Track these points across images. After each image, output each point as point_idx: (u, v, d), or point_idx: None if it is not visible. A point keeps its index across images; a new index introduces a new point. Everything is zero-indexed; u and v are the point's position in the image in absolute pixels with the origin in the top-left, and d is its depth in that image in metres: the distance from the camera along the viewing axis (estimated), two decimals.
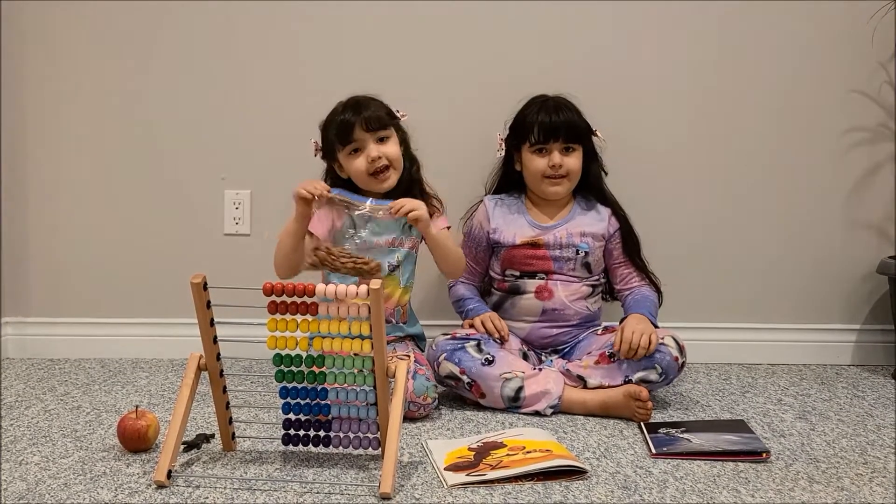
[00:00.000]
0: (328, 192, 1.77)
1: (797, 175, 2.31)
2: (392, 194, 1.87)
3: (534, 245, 2.01)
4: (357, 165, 1.86)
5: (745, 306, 2.35)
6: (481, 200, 2.10)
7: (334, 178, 1.94)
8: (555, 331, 2.00)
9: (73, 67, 2.28)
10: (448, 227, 1.95)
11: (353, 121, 1.84)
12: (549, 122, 1.97)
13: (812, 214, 2.32)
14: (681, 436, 1.65)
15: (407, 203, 1.77)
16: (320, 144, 1.93)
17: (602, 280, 2.07)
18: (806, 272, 2.34)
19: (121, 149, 2.30)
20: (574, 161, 2.00)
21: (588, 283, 2.02)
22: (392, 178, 1.87)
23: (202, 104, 2.29)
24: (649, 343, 1.82)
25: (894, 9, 2.20)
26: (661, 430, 1.69)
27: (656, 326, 1.92)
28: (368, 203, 1.78)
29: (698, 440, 1.62)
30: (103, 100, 2.29)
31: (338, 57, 2.27)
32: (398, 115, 1.92)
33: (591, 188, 2.07)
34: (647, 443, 1.63)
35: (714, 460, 1.54)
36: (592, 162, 2.05)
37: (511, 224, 2.04)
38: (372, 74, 2.14)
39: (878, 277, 2.29)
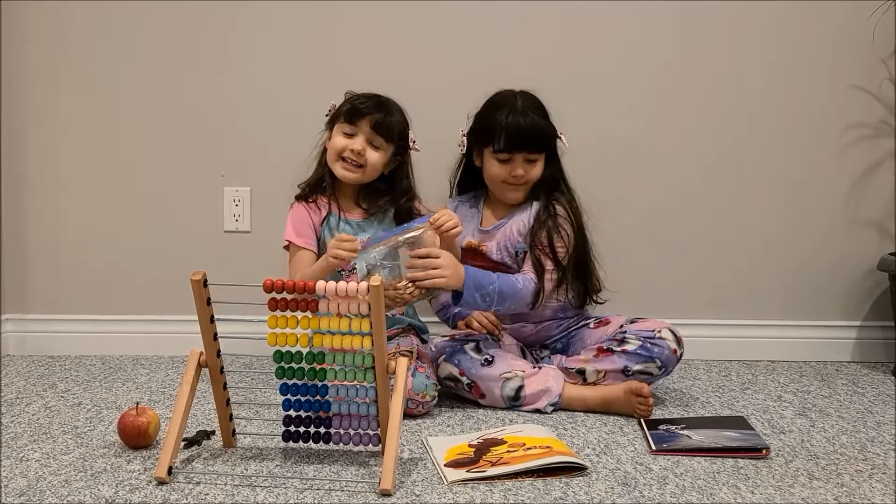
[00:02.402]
0: (361, 243, 1.75)
1: (798, 171, 2.31)
2: (372, 206, 1.94)
3: (477, 250, 1.98)
4: (336, 143, 1.90)
5: (745, 303, 2.35)
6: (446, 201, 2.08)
7: (323, 150, 1.98)
8: (534, 327, 1.99)
9: (74, 65, 2.28)
10: None
11: (367, 113, 1.88)
12: (515, 133, 1.89)
13: (812, 211, 2.32)
14: (681, 432, 1.65)
15: (448, 219, 1.77)
16: (334, 109, 1.96)
17: (560, 271, 1.93)
18: (806, 269, 2.34)
19: (121, 146, 2.31)
20: (536, 170, 1.94)
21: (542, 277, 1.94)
22: (355, 177, 1.91)
23: (202, 102, 2.29)
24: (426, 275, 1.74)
25: (895, 6, 2.20)
26: (661, 427, 1.69)
27: (465, 296, 1.78)
28: (406, 229, 1.76)
29: (698, 437, 1.62)
30: (103, 97, 2.29)
31: (337, 55, 2.27)
32: (411, 144, 1.95)
33: (541, 187, 1.98)
34: (647, 439, 1.63)
35: (714, 457, 1.54)
36: (552, 163, 1.98)
37: (465, 228, 1.95)
38: (372, 73, 2.14)
39: (879, 274, 2.29)
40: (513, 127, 1.90)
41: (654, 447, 1.58)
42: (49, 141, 2.30)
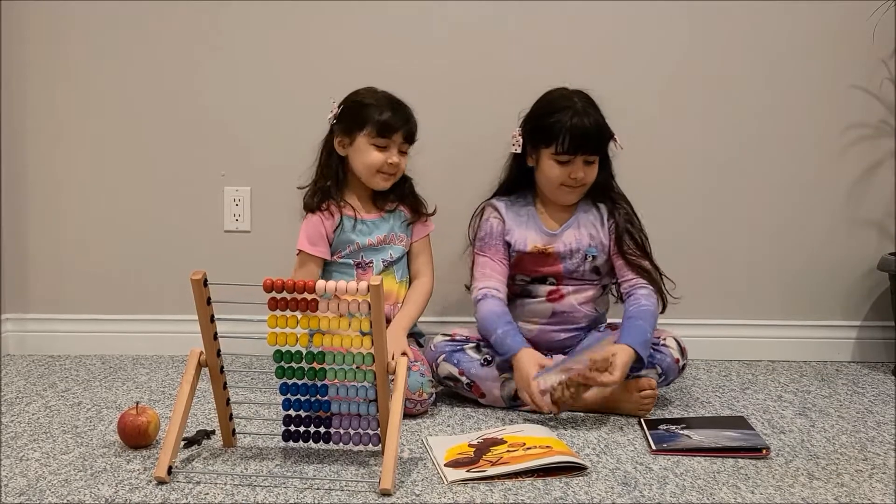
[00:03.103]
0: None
1: (798, 171, 2.31)
2: (386, 203, 1.99)
3: (544, 253, 1.94)
4: (374, 158, 1.91)
5: (746, 303, 2.35)
6: (488, 201, 2.01)
7: (329, 151, 1.97)
8: (563, 335, 1.95)
9: (73, 65, 2.28)
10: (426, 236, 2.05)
11: (399, 127, 1.92)
12: (581, 134, 1.84)
13: (813, 211, 2.32)
14: (681, 432, 1.65)
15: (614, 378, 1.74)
16: (338, 113, 1.95)
17: (608, 280, 2.00)
18: (806, 269, 2.34)
19: (121, 146, 2.31)
20: (593, 172, 1.92)
21: (597, 284, 1.97)
22: (392, 183, 1.97)
23: (202, 101, 2.29)
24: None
25: (895, 6, 2.20)
26: (661, 427, 1.69)
27: (644, 360, 1.79)
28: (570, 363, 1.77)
29: (698, 437, 1.62)
30: (103, 97, 2.29)
31: (338, 55, 2.27)
32: None
33: (596, 189, 1.97)
34: (647, 439, 1.63)
35: (714, 457, 1.54)
36: (605, 165, 1.97)
37: (521, 228, 1.95)
38: (371, 72, 2.13)
39: (879, 274, 2.29)
40: (578, 128, 1.85)
41: (654, 447, 1.58)
42: (49, 141, 2.30)
